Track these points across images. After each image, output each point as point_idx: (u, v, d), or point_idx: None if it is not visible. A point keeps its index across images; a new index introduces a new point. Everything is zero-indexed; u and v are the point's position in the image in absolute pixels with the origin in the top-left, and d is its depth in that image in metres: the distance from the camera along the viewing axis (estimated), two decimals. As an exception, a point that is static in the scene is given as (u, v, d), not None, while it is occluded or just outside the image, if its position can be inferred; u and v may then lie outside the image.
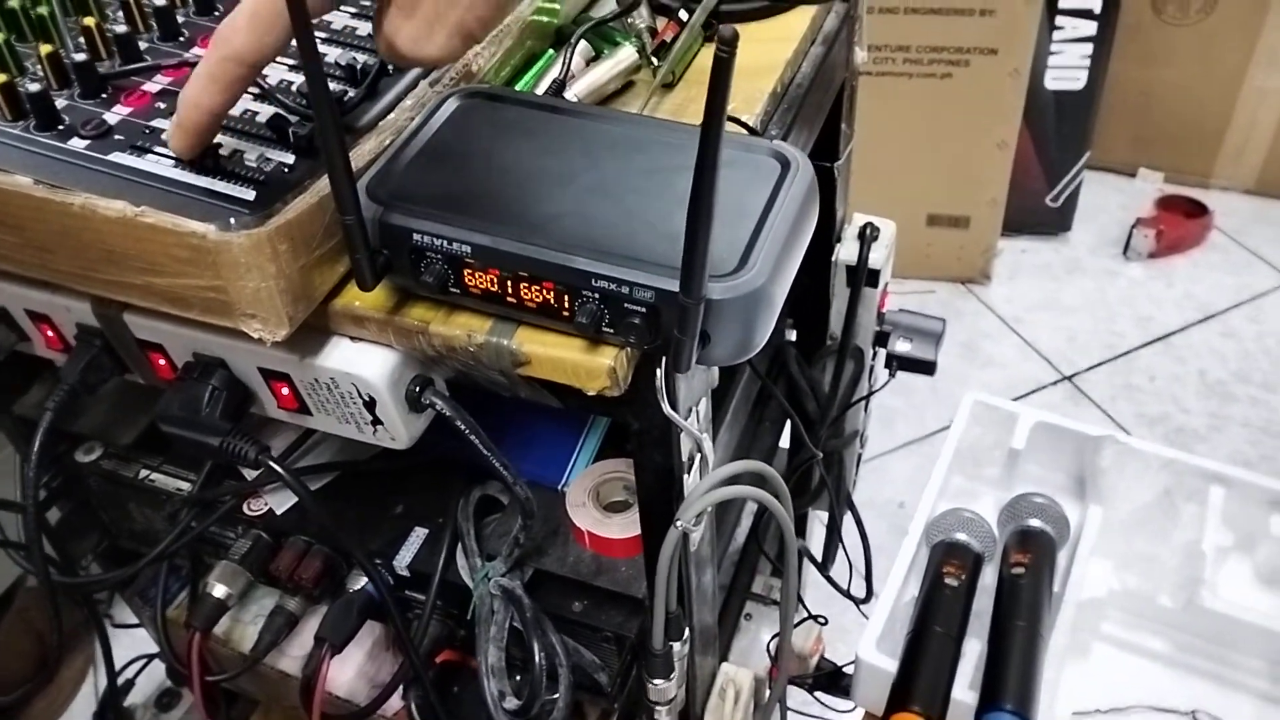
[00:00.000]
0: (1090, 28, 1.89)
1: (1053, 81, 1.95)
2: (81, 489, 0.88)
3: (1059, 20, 1.88)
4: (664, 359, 0.48)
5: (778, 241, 0.45)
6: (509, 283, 0.47)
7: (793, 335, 1.01)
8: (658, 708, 0.64)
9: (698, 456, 0.57)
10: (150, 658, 1.24)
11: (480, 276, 0.47)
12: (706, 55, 0.70)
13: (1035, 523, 0.82)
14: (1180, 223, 2.10)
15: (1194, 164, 2.23)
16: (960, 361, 1.86)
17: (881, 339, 0.98)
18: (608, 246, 0.45)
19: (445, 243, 0.47)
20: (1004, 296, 2.04)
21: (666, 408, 0.49)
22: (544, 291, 0.47)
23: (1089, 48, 1.91)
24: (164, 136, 0.52)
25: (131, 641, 1.17)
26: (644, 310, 0.44)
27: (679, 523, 0.54)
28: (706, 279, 0.40)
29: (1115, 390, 1.82)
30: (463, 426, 0.55)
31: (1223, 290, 2.00)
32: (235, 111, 0.54)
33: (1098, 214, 2.18)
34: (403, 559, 0.73)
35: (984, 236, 2.01)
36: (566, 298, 0.46)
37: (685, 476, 0.56)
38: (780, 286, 0.46)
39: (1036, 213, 2.11)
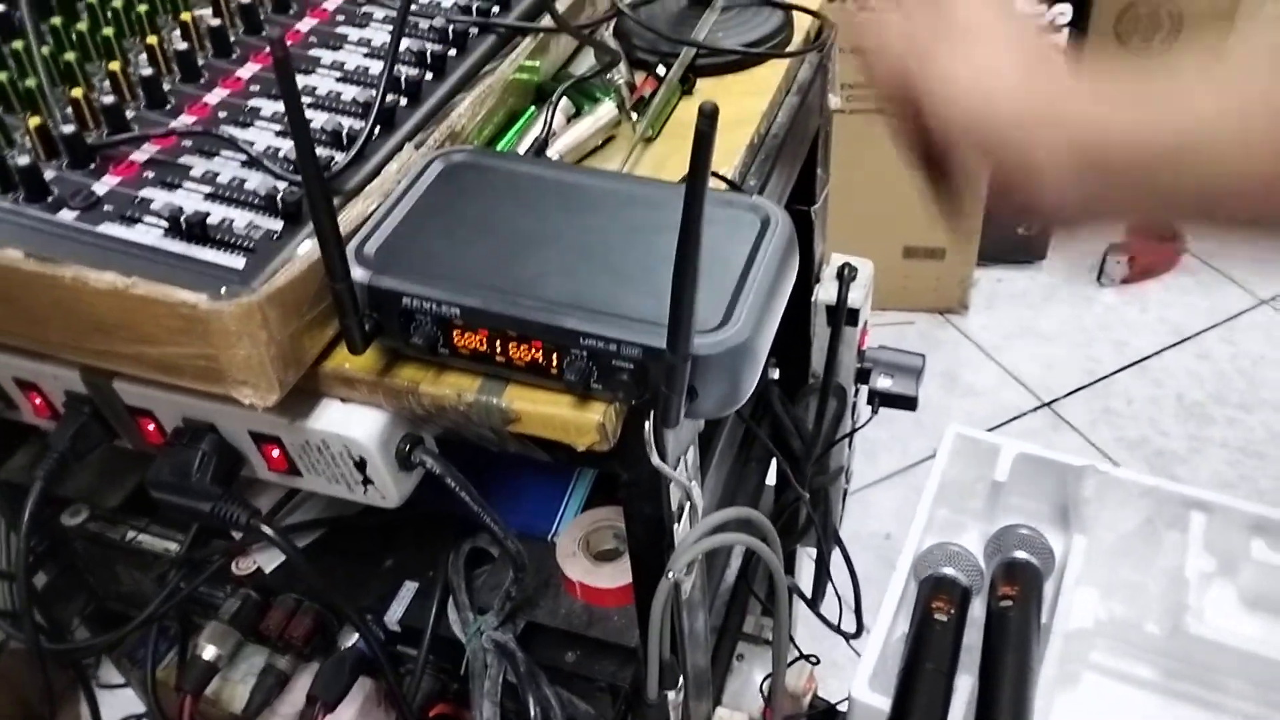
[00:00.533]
0: (1055, 60, 1.93)
1: (1021, 113, 1.98)
2: (68, 552, 0.88)
3: (1025, 54, 1.92)
4: (652, 413, 0.49)
5: (760, 295, 0.46)
6: (498, 342, 0.48)
7: (775, 374, 1.02)
8: (654, 757, 0.64)
9: (687, 505, 0.58)
10: (139, 718, 1.22)
11: (469, 337, 0.48)
12: (685, 108, 0.71)
13: (1021, 554, 0.82)
14: (1152, 248, 2.14)
15: (1162, 190, 2.27)
16: (941, 391, 1.88)
17: (863, 376, 0.99)
18: (594, 305, 0.46)
19: (434, 305, 0.48)
20: (981, 325, 2.06)
21: (655, 460, 0.50)
22: (533, 350, 0.47)
23: (1056, 80, 1.95)
24: (154, 206, 0.52)
25: (118, 702, 1.16)
26: (631, 367, 0.45)
27: (670, 574, 0.54)
28: (693, 336, 0.41)
29: (1094, 415, 1.84)
30: (453, 484, 0.56)
31: (1196, 313, 2.04)
32: (223, 179, 0.55)
33: (1071, 242, 2.21)
34: (394, 614, 0.73)
35: (960, 267, 2.03)
36: (555, 356, 0.47)
37: (675, 525, 0.57)
38: (764, 339, 0.47)
39: (1010, 242, 2.14)
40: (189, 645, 0.80)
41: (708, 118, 0.32)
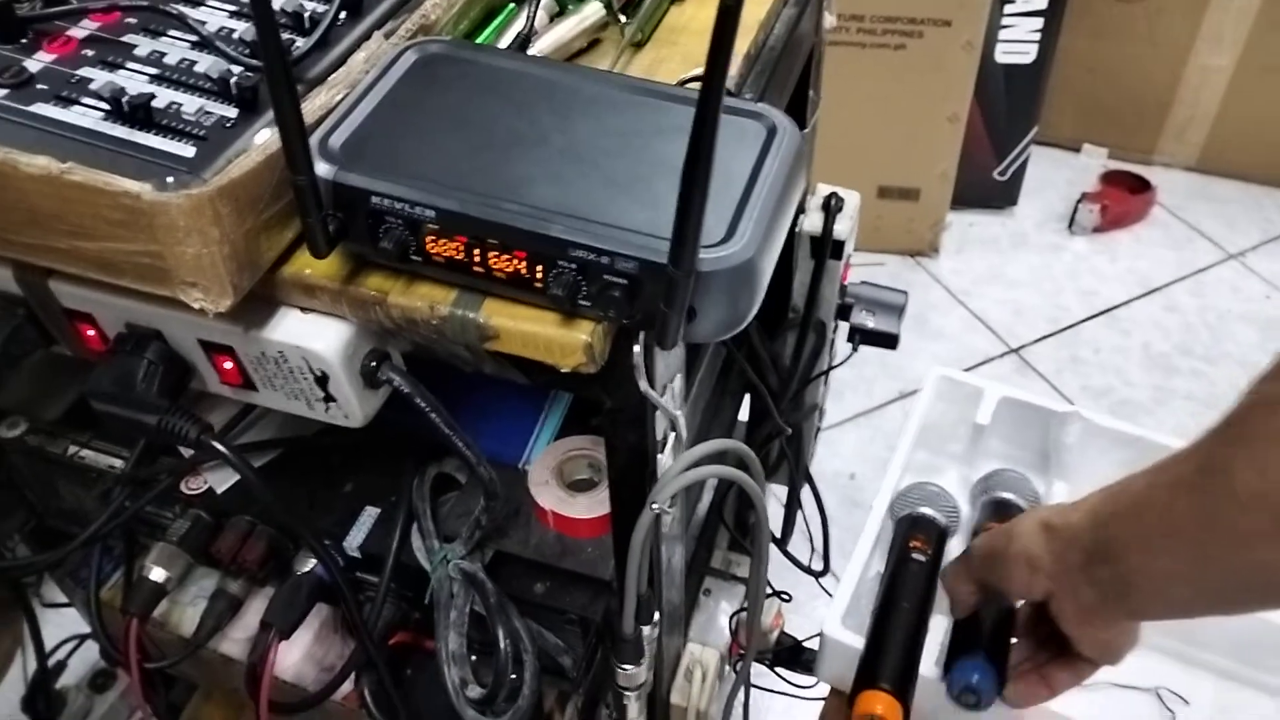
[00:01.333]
0: (1041, 1, 1.89)
1: (1003, 55, 1.94)
2: (5, 466, 0.83)
3: (1011, -8, 1.88)
4: (643, 334, 0.45)
5: (766, 210, 0.43)
6: (476, 251, 0.44)
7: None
8: (626, 693, 0.62)
9: (671, 436, 0.55)
10: (83, 638, 1.19)
11: (444, 244, 0.44)
12: (676, 14, 0.66)
13: (1009, 495, 0.81)
14: (1124, 198, 2.12)
15: (1138, 140, 2.25)
16: (909, 334, 1.85)
17: (844, 312, 0.96)
18: (585, 213, 0.42)
19: (407, 206, 0.43)
20: (952, 269, 2.04)
21: (644, 385, 0.47)
22: (515, 261, 0.43)
23: (1039, 21, 1.91)
24: (93, 87, 0.47)
25: (63, 620, 1.12)
26: (625, 282, 0.42)
27: (654, 505, 0.51)
28: (699, 250, 0.37)
29: (1061, 363, 1.83)
30: (423, 404, 0.52)
31: (1165, 265, 2.03)
32: (171, 60, 0.50)
33: (1044, 189, 2.19)
34: (354, 539, 0.69)
35: (934, 209, 2.01)
36: (540, 268, 0.43)
37: (659, 456, 0.54)
38: (769, 258, 0.43)
39: (984, 186, 2.11)
40: (135, 566, 0.76)
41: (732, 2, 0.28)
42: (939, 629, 0.79)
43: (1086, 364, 1.83)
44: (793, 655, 0.96)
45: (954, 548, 0.83)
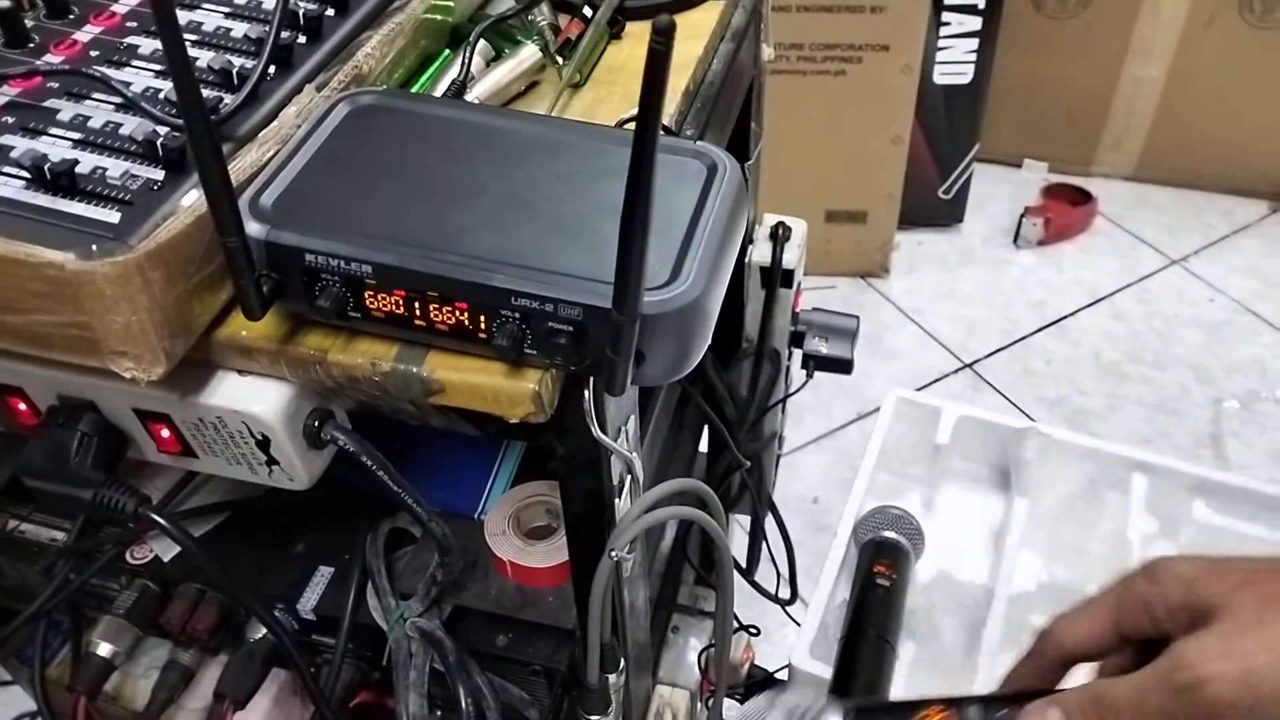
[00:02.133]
0: (975, 23, 1.93)
1: (941, 76, 1.97)
2: (-58, 544, 0.80)
3: (945, 16, 1.91)
4: (592, 380, 0.44)
5: (710, 249, 0.42)
6: (416, 304, 0.43)
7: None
8: (595, 744, 0.61)
9: (628, 479, 0.54)
10: (32, 715, 1.14)
11: (384, 299, 0.43)
12: (614, 53, 0.66)
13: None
14: (1066, 210, 2.16)
15: (1077, 153, 2.30)
16: (864, 355, 1.86)
17: (797, 339, 0.96)
18: (526, 261, 0.41)
19: (343, 263, 0.42)
20: (903, 289, 2.06)
21: (596, 431, 0.46)
22: (457, 312, 0.42)
23: (974, 42, 1.95)
24: (14, 155, 0.45)
25: (10, 699, 1.08)
26: (570, 329, 0.41)
27: (612, 552, 0.50)
28: (642, 294, 0.37)
29: (1014, 376, 1.85)
30: (369, 462, 0.51)
31: (1110, 274, 2.07)
32: (95, 124, 0.48)
33: (988, 204, 2.22)
34: (308, 601, 0.67)
35: (882, 231, 2.03)
36: (483, 318, 0.42)
37: (616, 500, 0.53)
38: (715, 297, 0.43)
39: (930, 205, 2.14)
40: (82, 641, 0.74)
41: (663, 34, 0.27)
42: (907, 654, 0.79)
43: (1039, 375, 1.85)
44: (764, 688, 0.95)
45: (920, 570, 0.82)
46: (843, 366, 0.95)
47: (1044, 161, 2.32)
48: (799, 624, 0.78)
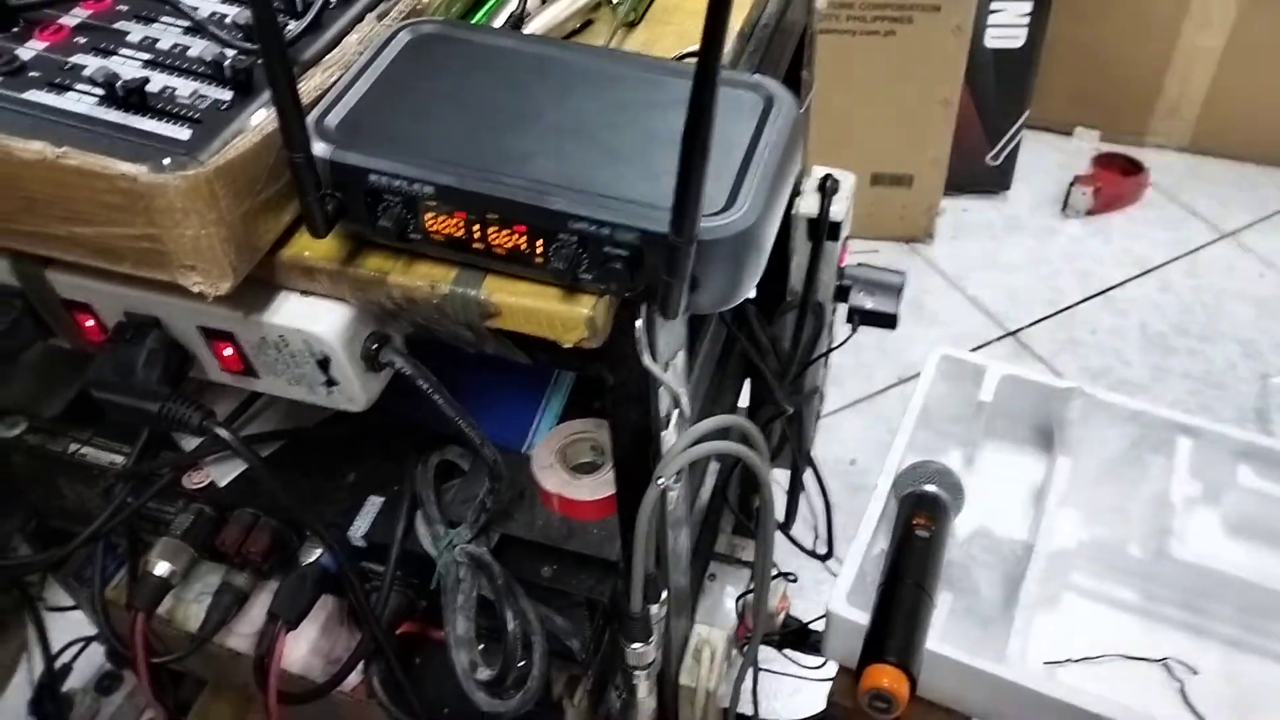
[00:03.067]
0: (1029, -15, 1.89)
1: (993, 39, 1.94)
2: (6, 466, 0.83)
3: (999, -23, 1.88)
4: (644, 307, 0.45)
5: (766, 179, 0.42)
6: (475, 227, 0.44)
7: (752, 292, 0.99)
8: (636, 672, 0.62)
9: (675, 413, 0.54)
10: (88, 640, 1.18)
11: (444, 220, 0.44)
12: (669, -8, 0.66)
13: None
14: (1117, 180, 2.12)
15: (1129, 122, 2.26)
16: (906, 320, 1.84)
17: (841, 294, 0.96)
18: (584, 186, 0.42)
19: (405, 183, 0.43)
20: (947, 255, 2.04)
21: (647, 359, 0.47)
22: (515, 236, 0.43)
23: (1028, 5, 1.91)
24: (87, 73, 0.47)
25: (67, 624, 1.11)
26: (626, 254, 0.41)
27: (660, 480, 0.51)
28: (700, 218, 0.37)
29: (1058, 345, 1.83)
30: (425, 386, 0.52)
31: (1159, 245, 2.03)
32: (164, 45, 0.49)
33: (1036, 172, 2.19)
34: (358, 529, 0.69)
35: (927, 195, 2.01)
36: (540, 242, 0.43)
37: (663, 433, 0.54)
38: (770, 227, 0.43)
39: (977, 171, 2.11)
40: (139, 563, 0.76)
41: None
42: (944, 605, 0.79)
43: (1084, 345, 1.83)
44: (800, 637, 0.96)
45: (958, 525, 0.83)
46: (887, 322, 0.95)
47: (1095, 130, 2.28)
48: (835, 576, 0.79)
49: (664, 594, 0.62)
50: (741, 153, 0.43)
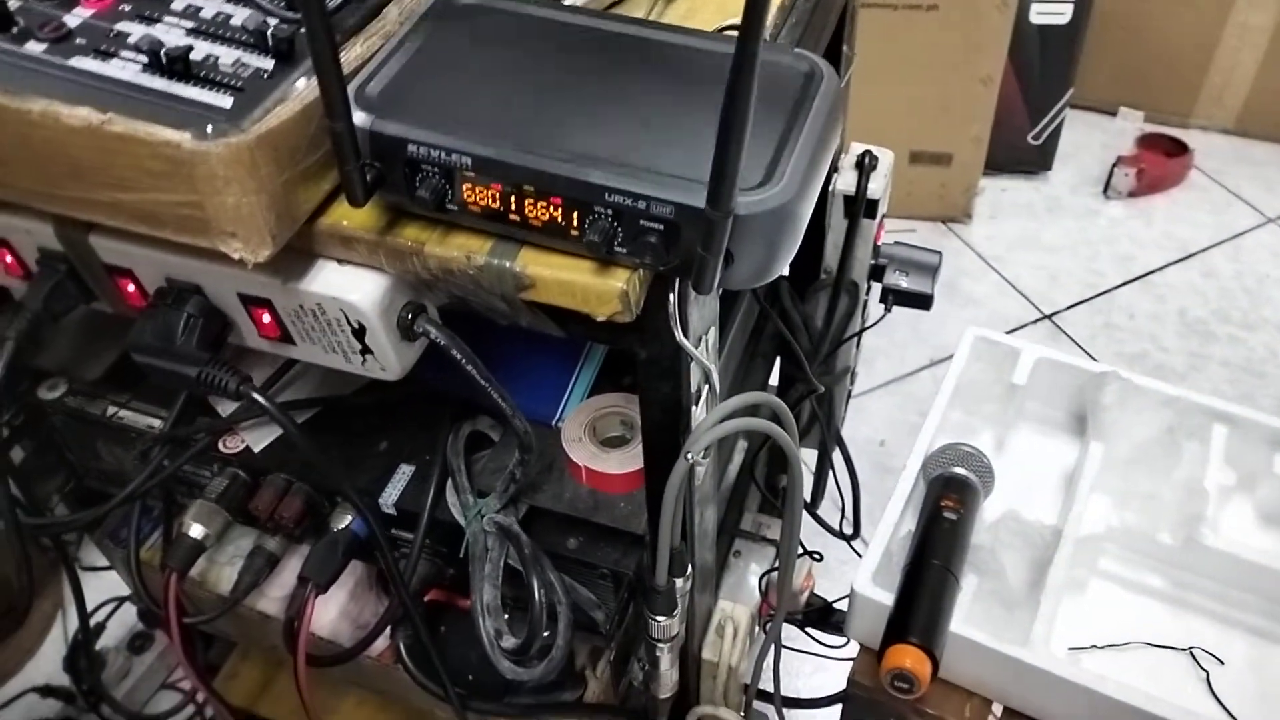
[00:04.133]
0: (1077, -40, 1.85)
1: (1038, 15, 1.90)
2: (45, 428, 0.84)
3: (1046, -49, 1.84)
4: (677, 282, 0.45)
5: (804, 155, 0.42)
6: (512, 198, 0.44)
7: (785, 270, 0.98)
8: (659, 645, 0.62)
9: (705, 388, 0.55)
10: (121, 601, 1.21)
11: (480, 191, 0.44)
12: (709, -35, 0.65)
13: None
14: (1161, 162, 2.09)
15: (1175, 103, 2.21)
16: (940, 301, 1.83)
17: (877, 273, 0.95)
18: (621, 159, 0.42)
19: (443, 154, 0.43)
20: (984, 235, 2.02)
21: (679, 335, 0.47)
22: (551, 208, 0.43)
23: (1075, -19, 1.88)
24: (132, 40, 0.47)
25: (101, 584, 1.14)
26: (661, 228, 0.41)
27: (688, 455, 0.51)
28: (737, 192, 0.37)
29: (1095, 329, 1.81)
30: (459, 356, 0.52)
31: (1202, 229, 2.00)
32: (208, 14, 0.50)
33: (1078, 153, 2.16)
34: (389, 497, 0.70)
35: (966, 174, 1.98)
36: (576, 214, 0.43)
37: (693, 408, 0.54)
38: (806, 203, 0.43)
39: (1018, 151, 2.08)
40: (174, 526, 0.78)
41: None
42: (969, 587, 0.79)
43: (1121, 330, 1.81)
44: (823, 616, 0.96)
45: (986, 508, 0.82)
46: (922, 302, 0.94)
47: (1140, 110, 2.24)
48: (860, 556, 0.79)
49: (689, 568, 0.62)
50: (780, 127, 0.43)
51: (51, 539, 0.87)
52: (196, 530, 0.73)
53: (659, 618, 0.61)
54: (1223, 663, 0.75)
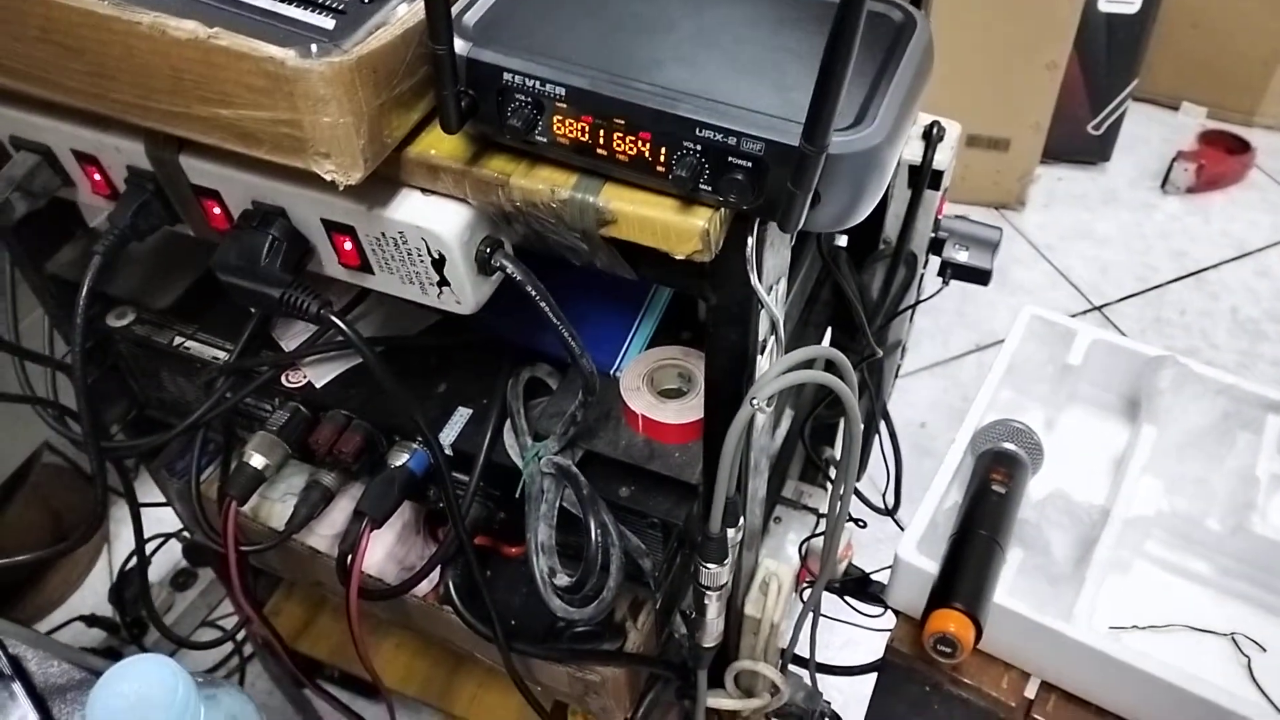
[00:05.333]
0: (1151, -51, 1.82)
1: (1107, 3, 1.88)
2: (112, 355, 0.86)
3: (1120, -62, 1.81)
4: (756, 226, 0.46)
5: (896, 101, 0.42)
6: (601, 132, 0.44)
7: (843, 240, 0.98)
8: (709, 593, 0.63)
9: (771, 338, 0.55)
10: (167, 537, 1.23)
11: (570, 124, 0.45)
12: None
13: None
14: (1222, 159, 2.05)
15: (1239, 100, 2.17)
16: (989, 287, 1.83)
17: (936, 246, 0.95)
18: (713, 95, 0.42)
19: (537, 84, 0.44)
20: (1038, 224, 2.00)
21: (754, 279, 0.47)
22: (640, 143, 0.44)
23: (1146, -31, 1.85)
24: None
25: (148, 521, 1.17)
26: (749, 165, 0.42)
27: (753, 401, 0.52)
28: (832, 129, 0.37)
29: (1145, 323, 1.79)
30: (533, 292, 0.53)
31: (1260, 229, 1.97)
32: (307, -59, 0.50)
33: (1138, 145, 2.13)
34: (447, 437, 0.71)
35: (1023, 161, 1.96)
36: (664, 150, 0.43)
37: (759, 358, 0.54)
38: (895, 149, 0.43)
39: (1077, 140, 2.05)
40: (233, 457, 0.79)
41: None
42: (1014, 561, 0.79)
43: (1171, 325, 1.79)
44: (860, 586, 0.97)
45: (1034, 486, 0.82)
46: (980, 277, 0.94)
47: (1203, 106, 2.20)
48: (902, 530, 0.79)
49: (741, 520, 0.63)
50: (874, 71, 0.43)
51: (115, 464, 0.89)
52: (258, 460, 0.75)
53: (710, 565, 0.61)
54: (1265, 650, 0.74)
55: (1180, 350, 1.70)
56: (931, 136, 0.87)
